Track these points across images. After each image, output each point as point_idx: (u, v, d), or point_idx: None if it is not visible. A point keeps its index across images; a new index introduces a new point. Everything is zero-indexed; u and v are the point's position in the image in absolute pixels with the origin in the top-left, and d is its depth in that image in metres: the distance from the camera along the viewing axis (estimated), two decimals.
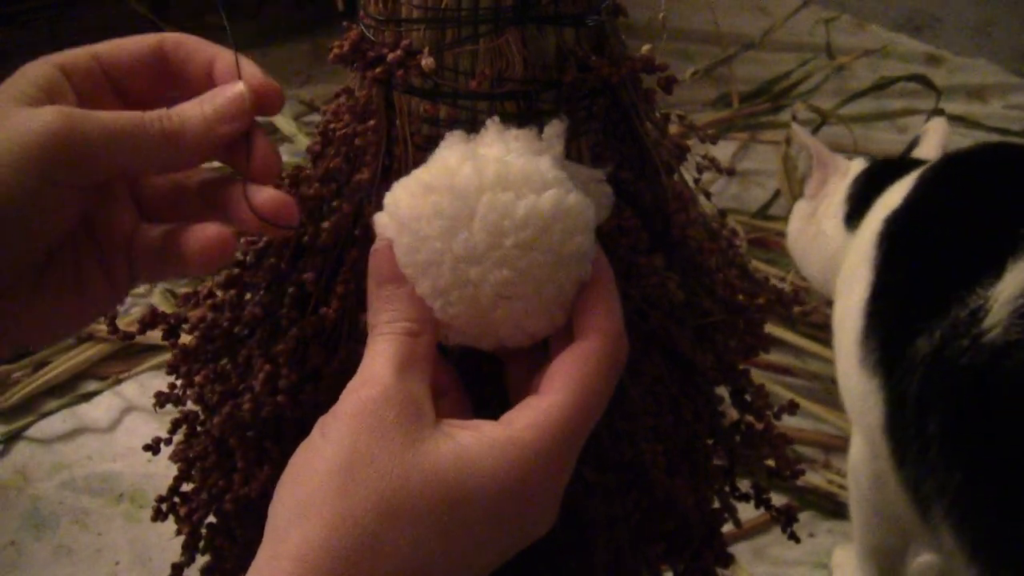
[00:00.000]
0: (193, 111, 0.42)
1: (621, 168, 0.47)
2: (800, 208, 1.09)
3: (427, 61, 0.44)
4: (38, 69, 0.42)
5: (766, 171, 1.49)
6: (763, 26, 1.67)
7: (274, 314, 0.48)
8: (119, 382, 1.14)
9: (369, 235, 0.44)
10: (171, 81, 0.44)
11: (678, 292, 0.48)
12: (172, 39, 0.44)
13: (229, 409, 0.47)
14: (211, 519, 0.51)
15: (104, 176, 0.40)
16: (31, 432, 1.08)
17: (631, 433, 0.48)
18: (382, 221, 0.43)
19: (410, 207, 0.42)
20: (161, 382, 0.52)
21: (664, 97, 0.49)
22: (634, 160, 0.48)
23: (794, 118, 1.39)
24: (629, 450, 0.48)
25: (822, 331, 1.17)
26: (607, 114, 0.47)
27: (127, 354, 1.17)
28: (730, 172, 0.53)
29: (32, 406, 1.11)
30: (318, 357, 0.47)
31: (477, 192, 0.41)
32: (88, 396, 1.12)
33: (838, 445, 1.06)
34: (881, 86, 1.54)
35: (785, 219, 1.34)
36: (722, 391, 0.53)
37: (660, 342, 0.49)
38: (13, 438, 1.07)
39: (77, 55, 0.43)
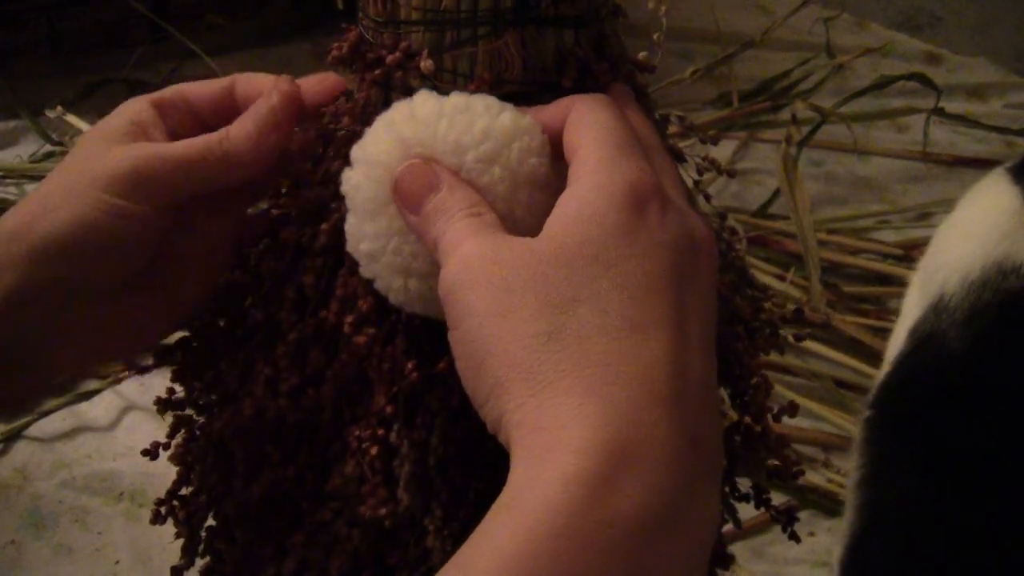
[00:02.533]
0: (238, 128, 0.47)
1: None
2: None
3: (426, 63, 0.44)
4: (134, 106, 0.49)
5: (766, 170, 1.49)
6: (763, 25, 1.66)
7: (273, 317, 0.48)
8: (119, 381, 1.13)
9: None
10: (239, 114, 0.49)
11: None
12: (241, 79, 0.51)
13: (230, 413, 0.47)
14: (211, 522, 0.51)
15: (173, 198, 0.47)
16: (31, 431, 1.07)
17: None
18: (348, 177, 0.44)
19: (375, 144, 0.43)
20: (162, 381, 0.52)
21: (665, 96, 0.49)
22: None
23: (793, 117, 1.39)
24: None
25: (822, 330, 1.17)
26: None
27: None
28: (730, 174, 0.53)
29: None
30: (319, 360, 0.47)
31: (437, 117, 0.42)
32: (88, 395, 1.11)
33: (838, 444, 1.06)
34: (881, 85, 1.54)
35: (784, 218, 1.34)
36: (720, 392, 0.53)
37: None
38: (13, 437, 1.06)
39: (166, 94, 0.50)
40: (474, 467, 0.46)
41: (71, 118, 1.42)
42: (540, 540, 0.33)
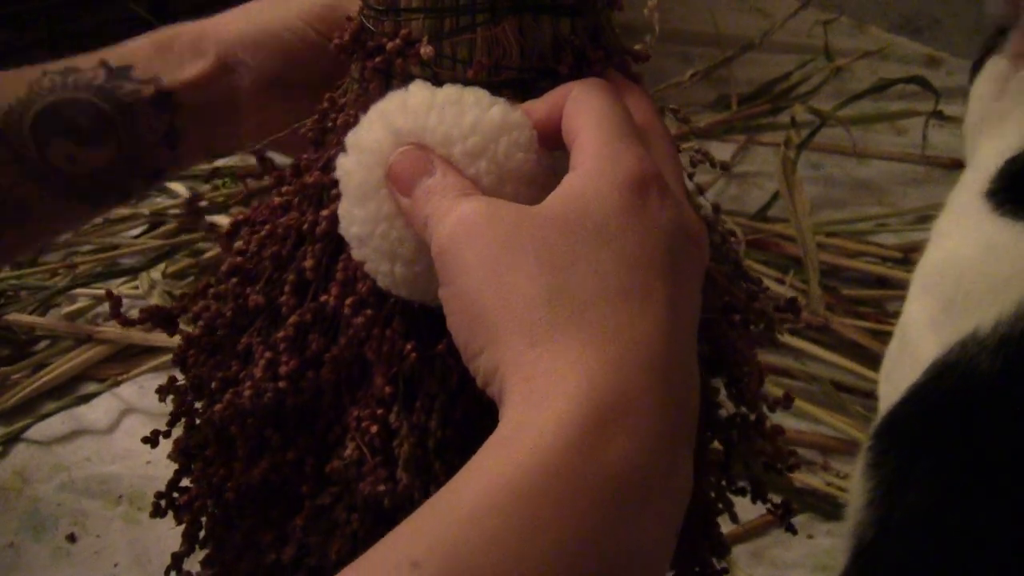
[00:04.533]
0: None
1: None
2: (994, 69, 0.81)
3: (426, 50, 0.45)
4: None
5: (765, 173, 1.49)
6: (762, 27, 1.67)
7: (274, 301, 0.48)
8: (118, 384, 1.13)
9: None
10: None
11: None
12: None
13: (230, 397, 0.47)
14: (211, 509, 0.51)
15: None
16: (30, 434, 1.07)
17: None
18: (341, 162, 0.45)
19: (367, 132, 0.43)
20: (160, 384, 0.52)
21: (664, 99, 0.50)
22: None
23: (793, 120, 1.39)
24: None
25: (821, 333, 1.17)
26: None
27: (126, 356, 1.17)
28: (724, 167, 0.53)
29: (31, 408, 1.10)
30: (318, 344, 0.47)
31: (427, 109, 0.42)
32: (87, 398, 1.11)
33: (837, 447, 1.06)
34: (880, 88, 1.54)
35: (784, 220, 1.34)
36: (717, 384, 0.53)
37: None
38: (12, 440, 1.06)
39: None
40: (472, 450, 0.46)
41: None
42: (529, 475, 0.34)
